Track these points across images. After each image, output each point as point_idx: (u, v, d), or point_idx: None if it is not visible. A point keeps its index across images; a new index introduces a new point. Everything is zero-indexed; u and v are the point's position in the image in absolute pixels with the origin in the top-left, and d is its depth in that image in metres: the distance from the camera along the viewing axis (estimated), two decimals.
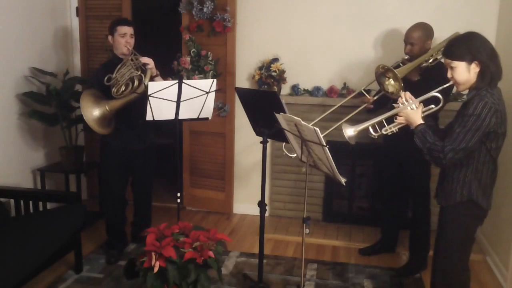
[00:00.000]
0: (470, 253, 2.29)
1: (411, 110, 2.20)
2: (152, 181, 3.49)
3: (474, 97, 2.06)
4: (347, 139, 2.38)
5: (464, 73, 2.08)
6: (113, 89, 2.94)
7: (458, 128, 2.04)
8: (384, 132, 2.35)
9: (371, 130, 2.36)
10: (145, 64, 2.96)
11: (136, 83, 2.94)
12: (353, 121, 3.65)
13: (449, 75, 2.14)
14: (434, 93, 2.20)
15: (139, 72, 2.94)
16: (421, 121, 2.16)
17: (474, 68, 2.06)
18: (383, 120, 2.35)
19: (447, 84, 2.17)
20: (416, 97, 2.24)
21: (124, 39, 3.05)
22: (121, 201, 3.35)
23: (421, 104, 2.22)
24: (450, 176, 2.20)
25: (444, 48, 2.18)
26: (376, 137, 2.38)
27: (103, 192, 3.31)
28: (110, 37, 3.11)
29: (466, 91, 2.18)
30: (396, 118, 2.28)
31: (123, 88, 2.95)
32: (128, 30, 3.07)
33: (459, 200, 2.17)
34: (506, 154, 3.12)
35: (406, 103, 2.22)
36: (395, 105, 2.29)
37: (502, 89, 2.22)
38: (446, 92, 2.28)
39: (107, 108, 2.93)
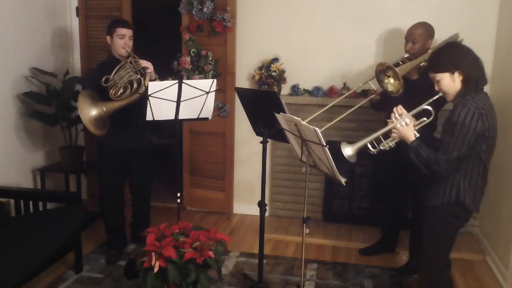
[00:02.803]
0: (450, 251, 2.32)
1: (403, 127, 2.24)
2: (151, 181, 3.50)
3: (458, 104, 2.12)
4: (347, 158, 2.39)
5: (449, 83, 2.14)
6: (111, 91, 2.92)
7: (448, 138, 2.10)
8: (382, 148, 2.37)
9: (369, 146, 2.39)
10: (144, 68, 2.94)
11: (135, 86, 2.92)
12: (352, 121, 3.68)
13: (436, 88, 2.20)
14: (425, 106, 2.26)
15: (138, 76, 2.93)
16: (414, 137, 2.21)
17: (458, 77, 2.12)
18: (380, 136, 2.37)
19: (437, 96, 2.22)
20: (414, 96, 2.30)
21: (122, 40, 3.04)
22: (118, 201, 3.35)
23: (413, 118, 2.27)
24: (438, 176, 2.22)
25: (428, 64, 2.26)
26: (375, 152, 2.40)
27: (101, 192, 3.31)
28: (108, 38, 3.10)
29: None
30: (391, 134, 2.32)
31: (121, 90, 2.93)
32: (127, 32, 3.06)
33: (446, 201, 2.19)
34: (506, 155, 3.12)
35: (399, 118, 2.27)
36: (388, 120, 2.32)
37: (502, 90, 2.23)
38: (438, 103, 2.32)
39: (104, 109, 2.91)
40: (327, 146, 2.25)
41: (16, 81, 3.60)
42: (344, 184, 2.41)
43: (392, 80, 2.85)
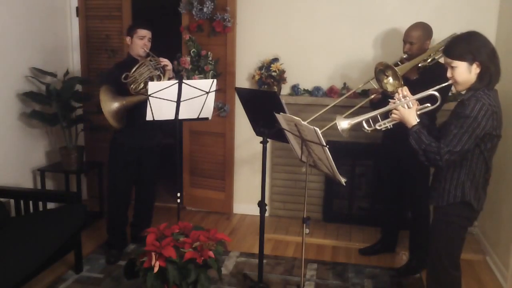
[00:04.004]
0: (460, 253, 2.29)
1: (406, 109, 2.18)
2: (156, 180, 3.52)
3: (471, 98, 2.06)
4: (340, 131, 2.36)
5: (464, 73, 2.07)
6: (132, 86, 3.05)
7: (455, 130, 2.04)
8: (378, 127, 2.32)
9: (364, 124, 2.33)
10: (164, 66, 3.10)
11: (155, 81, 3.07)
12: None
13: (449, 74, 2.13)
14: (432, 91, 2.18)
15: (158, 72, 3.09)
16: (416, 122, 2.15)
17: (475, 69, 2.05)
18: (378, 116, 2.32)
19: (446, 83, 2.16)
20: (414, 95, 2.24)
21: (142, 41, 3.14)
22: (125, 200, 3.36)
23: (417, 102, 2.20)
24: (443, 176, 2.20)
25: (445, 47, 2.17)
26: (369, 131, 2.34)
27: (109, 190, 3.31)
28: (128, 38, 3.18)
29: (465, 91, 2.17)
30: (390, 114, 2.25)
31: (142, 85, 3.06)
32: (147, 33, 3.16)
33: (452, 201, 2.16)
34: (506, 155, 3.12)
35: (402, 99, 2.20)
36: (391, 100, 2.26)
37: (502, 89, 2.22)
38: (444, 92, 2.27)
39: (124, 102, 3.03)
40: (327, 146, 2.24)
41: (16, 81, 3.60)
42: (344, 184, 2.41)
43: (391, 80, 2.85)
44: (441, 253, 2.26)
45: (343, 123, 2.35)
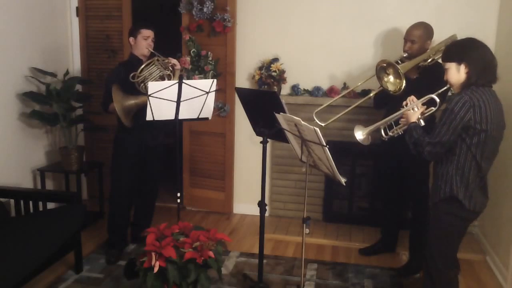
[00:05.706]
0: (455, 252, 2.31)
1: (412, 111, 2.34)
2: (159, 179, 3.52)
3: (456, 94, 2.19)
4: (359, 141, 2.62)
5: (454, 73, 2.19)
6: (142, 84, 3.09)
7: (438, 123, 2.18)
8: (391, 134, 2.54)
9: (382, 132, 2.57)
10: (173, 65, 3.17)
11: (166, 80, 3.12)
12: (352, 121, 3.67)
13: (445, 77, 2.25)
14: (432, 95, 2.33)
15: (168, 72, 3.15)
16: (415, 120, 2.30)
17: (463, 69, 2.16)
18: (392, 122, 2.53)
19: (445, 88, 2.31)
20: (414, 94, 2.41)
21: (147, 41, 3.18)
22: (129, 200, 3.36)
23: (423, 106, 2.35)
24: (436, 173, 2.28)
25: (442, 53, 2.31)
26: (387, 139, 2.58)
27: (112, 190, 3.31)
28: (131, 39, 3.20)
29: None
30: (401, 121, 2.44)
31: None
32: (151, 34, 3.20)
33: (442, 196, 2.21)
34: (506, 155, 3.12)
35: (409, 104, 2.38)
36: (402, 109, 2.42)
37: (502, 90, 2.23)
38: (442, 95, 2.39)
39: (136, 101, 3.05)
40: (327, 146, 2.25)
41: (16, 81, 3.59)
42: (344, 184, 2.44)
43: (392, 79, 2.86)
44: (433, 251, 2.29)
45: (357, 134, 2.62)
